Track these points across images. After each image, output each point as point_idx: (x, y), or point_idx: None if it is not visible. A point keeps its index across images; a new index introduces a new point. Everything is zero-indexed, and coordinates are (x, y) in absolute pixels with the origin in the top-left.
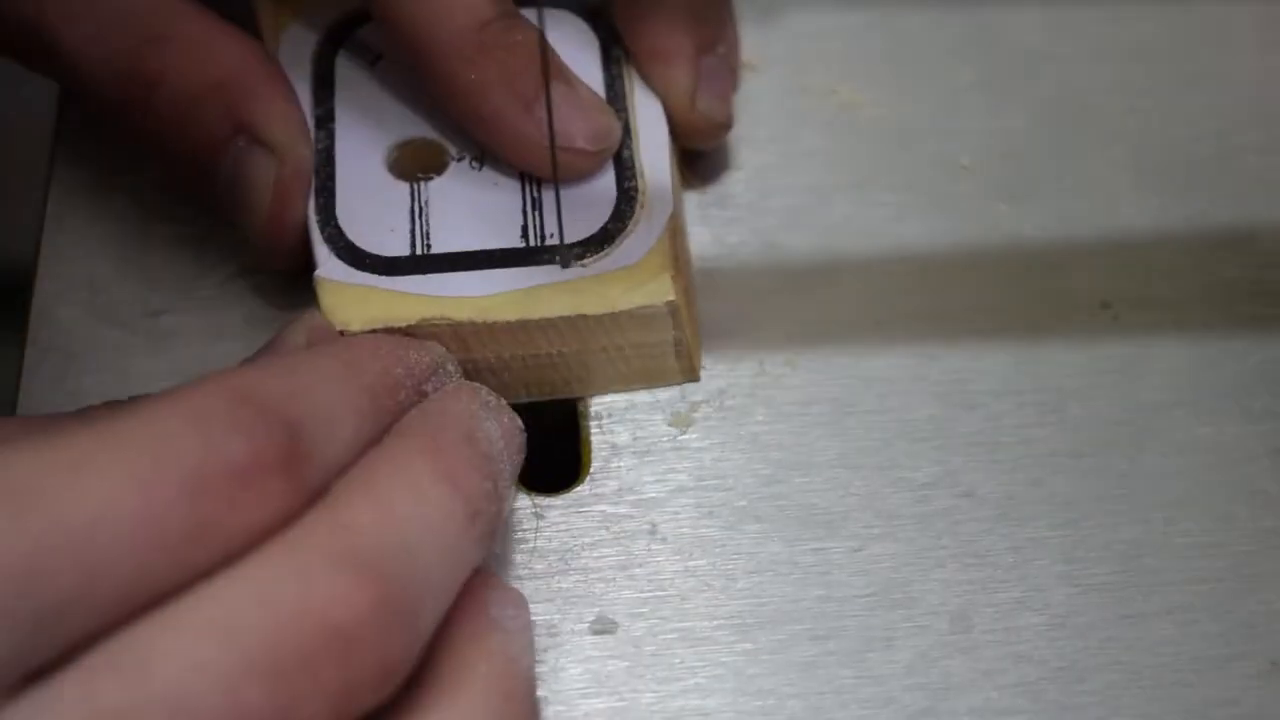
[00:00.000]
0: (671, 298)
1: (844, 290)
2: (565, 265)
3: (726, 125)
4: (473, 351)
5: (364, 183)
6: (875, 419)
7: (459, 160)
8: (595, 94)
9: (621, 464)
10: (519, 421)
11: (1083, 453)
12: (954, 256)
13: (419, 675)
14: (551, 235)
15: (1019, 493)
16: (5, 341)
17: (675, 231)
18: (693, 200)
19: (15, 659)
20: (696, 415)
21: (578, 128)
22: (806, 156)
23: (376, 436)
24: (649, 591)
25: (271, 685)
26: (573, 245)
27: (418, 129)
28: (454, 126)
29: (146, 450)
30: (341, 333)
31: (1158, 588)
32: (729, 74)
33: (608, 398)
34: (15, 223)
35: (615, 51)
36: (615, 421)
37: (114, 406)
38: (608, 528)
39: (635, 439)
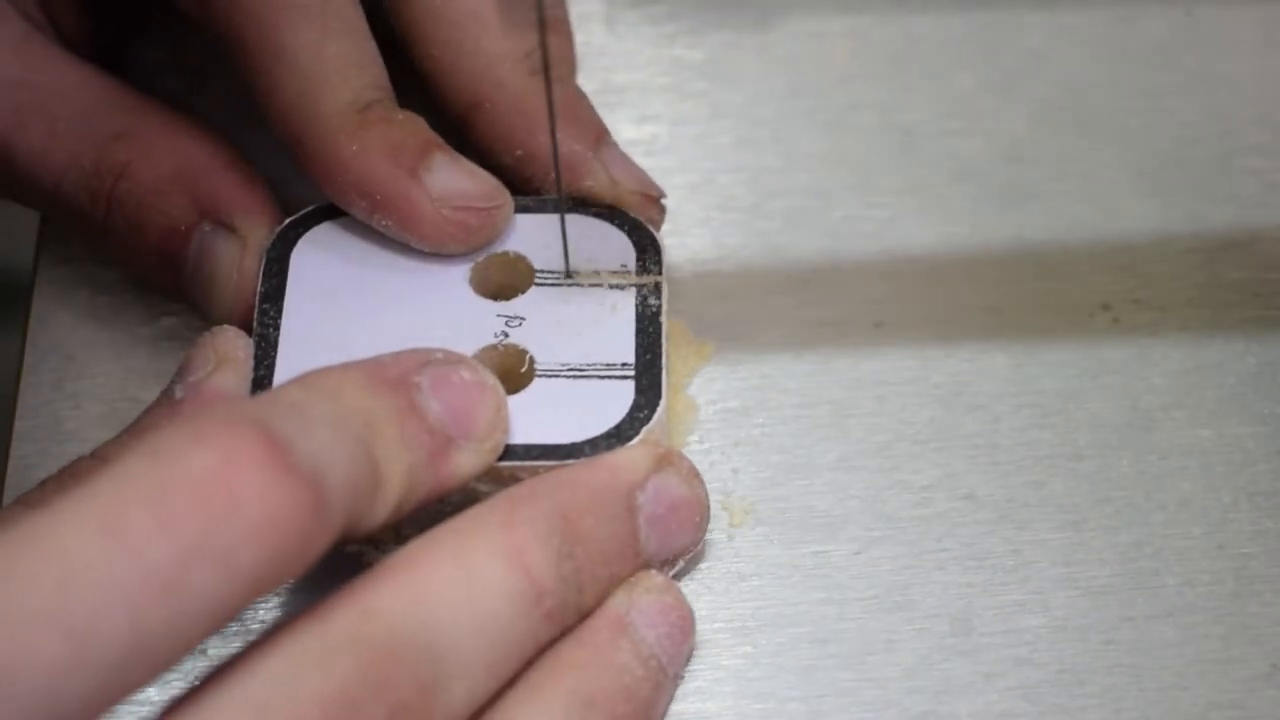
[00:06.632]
0: None
1: (844, 291)
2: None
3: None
4: None
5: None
6: (875, 421)
7: None
8: (475, 165)
9: None
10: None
11: (1083, 455)
12: (954, 258)
13: None
14: None
15: (1019, 495)
16: (5, 341)
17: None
18: (694, 202)
19: None
20: (697, 418)
21: (465, 189)
22: (807, 158)
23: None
24: None
25: None
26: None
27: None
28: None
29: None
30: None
31: (1158, 590)
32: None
33: None
34: (15, 223)
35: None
36: None
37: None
38: None
39: None
